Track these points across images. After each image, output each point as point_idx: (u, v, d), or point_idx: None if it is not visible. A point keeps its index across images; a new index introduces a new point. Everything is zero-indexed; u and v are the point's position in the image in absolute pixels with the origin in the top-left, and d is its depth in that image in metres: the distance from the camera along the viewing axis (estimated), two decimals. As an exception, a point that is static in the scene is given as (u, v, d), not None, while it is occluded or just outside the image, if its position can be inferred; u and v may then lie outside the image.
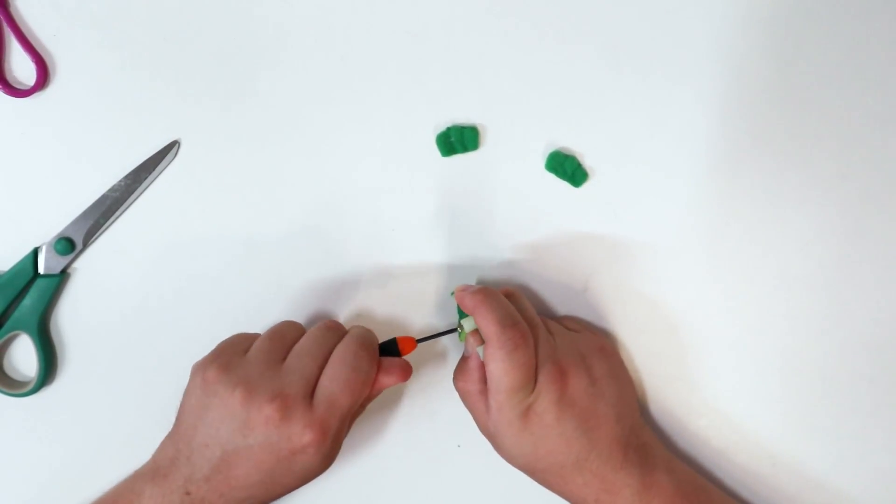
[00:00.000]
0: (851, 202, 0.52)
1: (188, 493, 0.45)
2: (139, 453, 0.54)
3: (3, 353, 0.53)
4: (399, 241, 0.53)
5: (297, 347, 0.47)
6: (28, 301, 0.52)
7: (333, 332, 0.48)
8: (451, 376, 0.50)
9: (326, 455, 0.46)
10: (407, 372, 0.48)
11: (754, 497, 0.54)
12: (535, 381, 0.46)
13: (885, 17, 0.51)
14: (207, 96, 0.52)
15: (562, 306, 0.54)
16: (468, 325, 0.49)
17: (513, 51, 0.52)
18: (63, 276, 0.52)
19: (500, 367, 0.45)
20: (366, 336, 0.48)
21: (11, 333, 0.52)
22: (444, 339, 0.53)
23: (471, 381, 0.48)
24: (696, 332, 0.53)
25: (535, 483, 0.49)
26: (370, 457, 0.54)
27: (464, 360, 0.49)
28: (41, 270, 0.52)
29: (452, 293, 0.51)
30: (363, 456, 0.54)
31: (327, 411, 0.45)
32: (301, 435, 0.44)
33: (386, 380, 0.48)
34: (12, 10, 0.51)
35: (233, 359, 0.46)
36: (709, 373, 0.53)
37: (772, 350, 0.53)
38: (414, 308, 0.54)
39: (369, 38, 0.52)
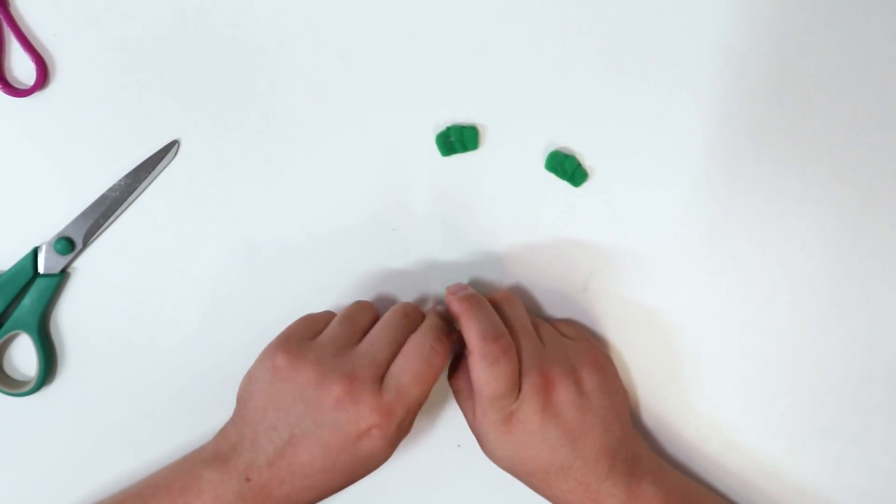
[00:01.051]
0: (851, 202, 0.52)
1: (248, 480, 0.45)
2: (139, 453, 0.54)
3: (3, 352, 0.53)
4: (399, 241, 0.53)
5: (371, 332, 0.47)
6: (28, 301, 0.52)
7: (410, 318, 0.48)
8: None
9: (390, 442, 0.45)
10: None
11: (752, 499, 0.54)
12: (520, 390, 0.46)
13: (885, 17, 0.51)
14: (207, 96, 0.52)
15: (561, 306, 0.54)
16: None
17: (513, 51, 0.52)
18: (63, 276, 0.52)
19: (482, 378, 0.45)
20: (443, 328, 0.48)
21: (11, 333, 0.52)
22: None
23: (461, 379, 0.49)
24: (695, 333, 0.53)
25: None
26: (370, 457, 0.54)
27: (456, 358, 0.50)
28: (41, 270, 0.52)
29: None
30: (363, 456, 0.54)
31: (395, 399, 0.45)
32: (367, 417, 0.44)
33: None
34: (12, 10, 0.51)
35: (302, 343, 0.46)
36: (708, 373, 0.53)
37: (771, 350, 0.53)
38: (414, 308, 0.54)
39: (369, 37, 0.52)
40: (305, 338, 0.47)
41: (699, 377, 0.53)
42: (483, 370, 0.45)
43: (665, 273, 0.53)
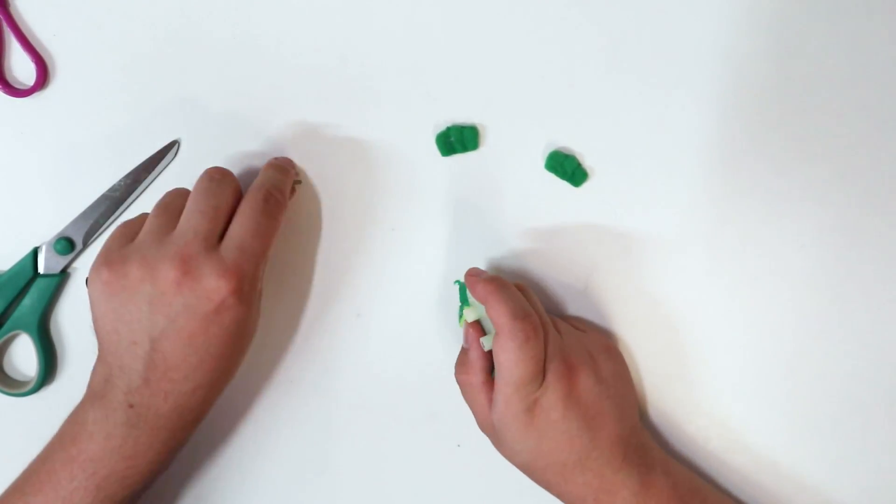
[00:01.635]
0: (851, 202, 0.52)
1: (131, 406, 0.44)
2: (139, 453, 0.54)
3: (3, 352, 0.53)
4: (399, 241, 0.53)
5: (186, 208, 0.45)
6: (28, 301, 0.52)
7: (220, 182, 0.46)
8: (451, 376, 0.50)
9: (248, 302, 0.44)
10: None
11: (753, 497, 0.54)
12: (544, 376, 0.46)
13: (886, 17, 0.51)
14: (207, 96, 0.52)
15: (562, 306, 0.54)
16: (471, 314, 0.49)
17: (513, 51, 0.52)
18: (63, 276, 0.52)
19: (511, 359, 0.45)
20: (276, 182, 0.47)
21: (11, 333, 0.52)
22: (443, 335, 0.53)
23: (473, 372, 0.48)
24: (695, 332, 0.53)
25: (535, 484, 0.49)
26: (370, 456, 0.54)
27: (464, 351, 0.49)
28: (41, 270, 0.52)
29: (456, 282, 0.51)
30: (363, 456, 0.54)
31: (240, 256, 0.43)
32: (217, 288, 0.42)
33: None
34: (12, 10, 0.51)
35: (122, 251, 0.44)
36: (708, 372, 0.53)
37: (772, 349, 0.53)
38: (413, 308, 0.54)
39: (369, 38, 0.52)
40: (123, 244, 0.45)
41: (700, 376, 0.53)
42: (513, 350, 0.45)
43: (665, 273, 0.53)
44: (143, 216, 0.47)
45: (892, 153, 0.52)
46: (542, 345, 0.46)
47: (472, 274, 0.48)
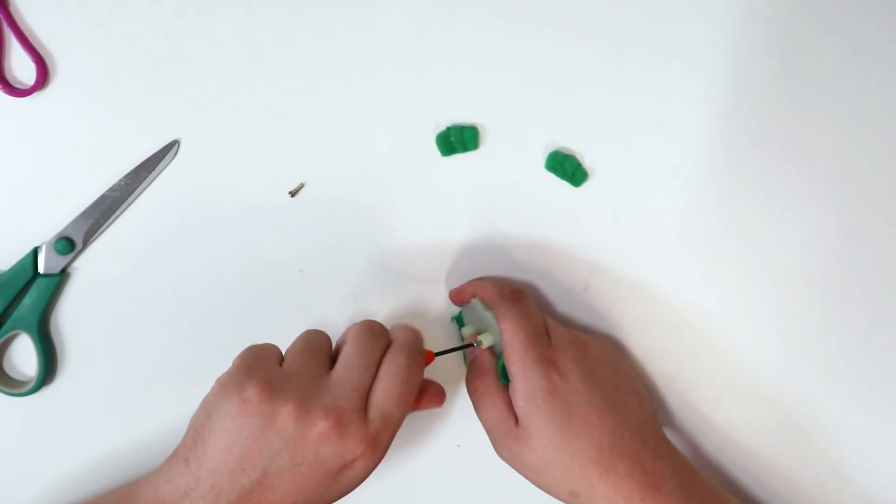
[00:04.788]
0: (851, 202, 0.52)
1: None
2: (138, 453, 0.54)
3: (3, 352, 0.53)
4: (399, 241, 0.53)
5: (343, 357, 0.44)
6: (28, 300, 0.52)
7: (378, 336, 0.45)
8: (451, 376, 0.50)
9: (372, 469, 0.43)
10: (443, 397, 0.48)
11: (754, 497, 0.54)
12: (549, 337, 0.47)
13: (886, 16, 0.51)
14: (207, 96, 0.52)
15: (562, 306, 0.54)
16: (467, 331, 0.50)
17: (513, 51, 0.52)
18: (63, 276, 0.52)
19: (511, 318, 0.46)
20: (415, 345, 0.45)
21: (11, 333, 0.52)
22: (443, 335, 0.53)
23: (484, 374, 0.48)
24: (695, 332, 0.53)
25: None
26: (370, 457, 0.54)
27: (472, 362, 0.50)
28: (41, 270, 0.52)
29: (452, 319, 0.53)
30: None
31: (382, 427, 0.42)
32: (354, 449, 0.41)
33: (427, 404, 0.47)
34: (12, 9, 0.51)
35: (271, 373, 0.42)
36: (708, 372, 0.53)
37: (771, 349, 0.53)
38: (413, 308, 0.54)
39: (369, 38, 0.52)
40: (271, 364, 0.43)
41: (700, 377, 0.53)
42: (510, 308, 0.46)
43: (665, 273, 0.53)
44: (275, 347, 0.45)
45: (892, 153, 0.52)
46: (535, 308, 0.48)
47: (454, 290, 0.52)
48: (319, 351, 0.45)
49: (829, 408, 0.53)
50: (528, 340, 0.46)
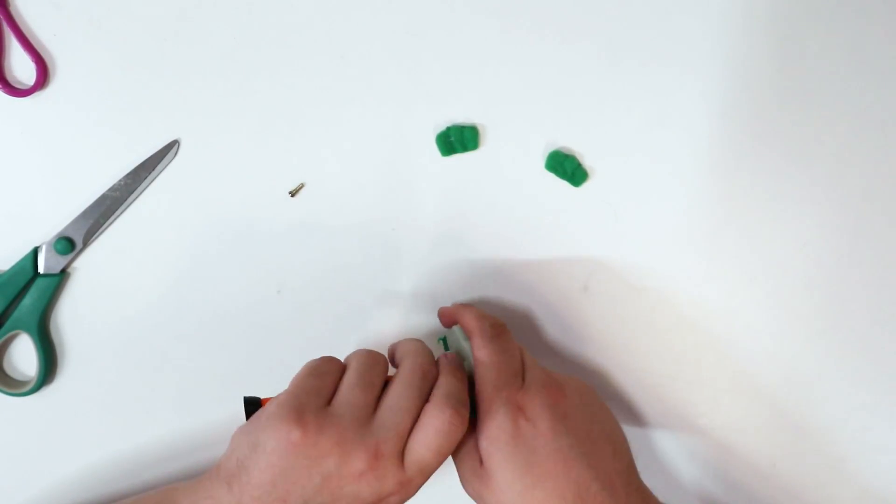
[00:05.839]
0: (851, 202, 0.52)
1: None
2: (138, 453, 0.54)
3: (3, 352, 0.53)
4: (399, 241, 0.53)
5: (389, 397, 0.44)
6: (28, 300, 0.52)
7: (427, 380, 0.45)
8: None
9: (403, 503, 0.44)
10: None
11: (755, 497, 0.54)
12: (523, 378, 0.45)
13: (885, 17, 0.51)
14: (207, 96, 0.52)
15: (562, 306, 0.54)
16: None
17: (513, 51, 0.52)
18: (63, 276, 0.52)
19: (485, 353, 0.45)
20: (460, 397, 0.45)
21: (11, 333, 0.52)
22: (443, 334, 0.53)
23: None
24: (695, 332, 0.53)
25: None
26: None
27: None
28: (41, 270, 0.52)
29: (439, 340, 0.52)
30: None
31: (417, 474, 0.43)
32: (390, 489, 0.43)
33: None
34: (12, 9, 0.51)
35: (319, 414, 0.43)
36: (708, 372, 0.53)
37: (771, 349, 0.53)
38: (413, 307, 0.54)
39: (369, 37, 0.52)
40: (320, 404, 0.44)
41: (699, 377, 0.53)
42: (485, 344, 0.46)
43: (665, 273, 0.53)
44: (335, 364, 0.46)
45: (892, 153, 0.52)
46: (515, 344, 0.47)
47: (442, 309, 0.51)
48: (371, 386, 0.45)
49: (829, 408, 0.53)
50: (499, 380, 0.45)
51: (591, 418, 0.46)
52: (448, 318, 0.51)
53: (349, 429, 0.43)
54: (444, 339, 0.52)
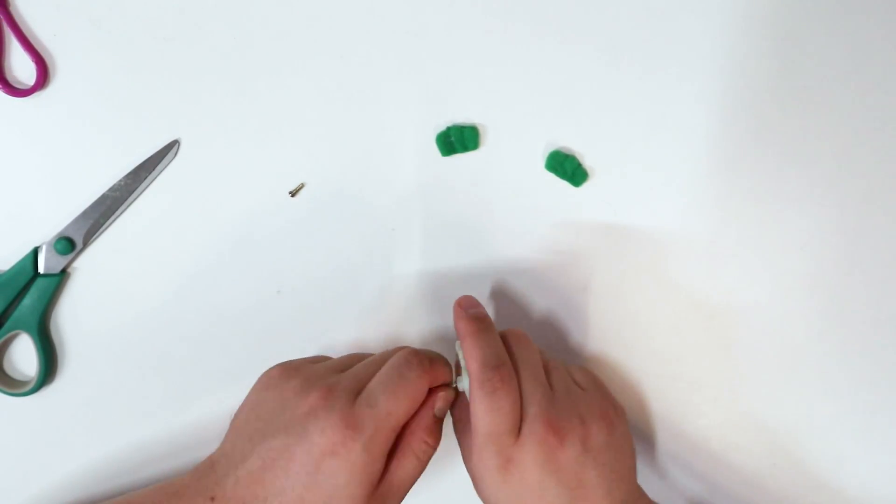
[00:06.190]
0: (851, 202, 0.52)
1: (212, 498, 0.44)
2: (139, 453, 0.54)
3: (3, 352, 0.53)
4: (399, 241, 0.53)
5: (379, 374, 0.46)
6: (28, 301, 0.52)
7: (419, 376, 0.46)
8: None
9: (354, 466, 0.42)
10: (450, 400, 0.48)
11: (754, 497, 0.54)
12: (520, 432, 0.44)
13: (886, 16, 0.51)
14: (207, 96, 0.52)
15: (562, 306, 0.54)
16: (461, 353, 0.48)
17: (513, 51, 0.52)
18: (63, 276, 0.52)
19: (480, 408, 0.44)
20: (422, 351, 0.47)
21: (11, 333, 0.52)
22: (443, 334, 0.53)
23: (461, 409, 0.48)
24: (695, 332, 0.53)
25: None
26: (370, 457, 0.54)
27: (454, 406, 0.49)
28: (41, 270, 0.52)
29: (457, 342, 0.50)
30: (363, 456, 0.54)
31: (365, 410, 0.43)
32: (334, 428, 0.42)
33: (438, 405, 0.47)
34: (12, 9, 0.51)
35: (301, 363, 0.48)
36: (708, 372, 0.53)
37: (771, 350, 0.53)
38: (413, 308, 0.54)
39: (369, 37, 0.52)
40: (305, 362, 0.48)
41: (700, 377, 0.53)
42: (481, 398, 0.44)
43: (665, 272, 0.53)
44: (326, 358, 0.50)
45: (893, 153, 0.52)
46: (514, 398, 0.44)
47: (461, 305, 0.48)
48: (353, 358, 0.48)
49: (829, 408, 0.53)
50: (490, 436, 0.44)
51: (591, 461, 0.44)
52: (457, 330, 0.48)
53: (320, 374, 0.46)
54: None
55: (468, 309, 0.48)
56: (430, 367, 0.46)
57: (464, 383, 0.46)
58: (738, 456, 0.54)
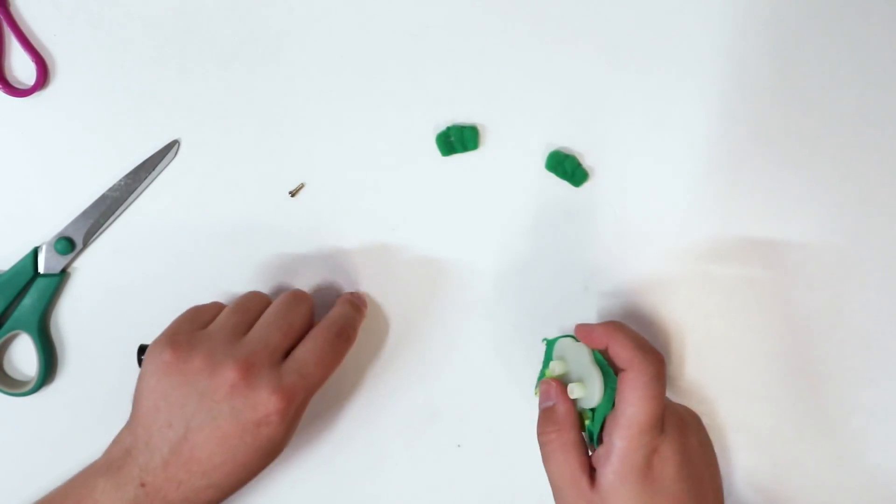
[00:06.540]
0: (851, 202, 0.52)
1: (143, 485, 0.43)
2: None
3: (3, 352, 0.53)
4: (399, 241, 0.53)
5: (262, 318, 0.46)
6: (28, 301, 0.52)
7: (299, 302, 0.48)
8: (452, 377, 0.50)
9: (288, 426, 0.44)
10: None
11: (754, 497, 0.54)
12: (663, 423, 0.43)
13: (886, 16, 0.51)
14: (207, 96, 0.52)
15: (562, 306, 0.54)
16: (557, 367, 0.47)
17: (513, 51, 0.52)
18: (63, 276, 0.52)
19: (640, 396, 0.42)
20: (348, 316, 0.48)
21: (11, 333, 0.52)
22: (443, 334, 0.53)
23: (565, 429, 0.45)
24: (695, 332, 0.53)
25: (535, 483, 0.48)
26: (370, 456, 0.54)
27: (547, 410, 0.46)
28: (41, 270, 0.52)
29: (544, 340, 0.50)
30: (363, 455, 0.54)
31: (297, 381, 0.44)
32: (267, 402, 0.43)
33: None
34: (12, 10, 0.51)
35: (190, 335, 0.45)
36: (708, 373, 0.53)
37: (772, 350, 0.53)
38: (413, 308, 0.54)
39: (369, 37, 0.52)
40: (193, 329, 0.46)
41: (699, 377, 0.53)
42: (643, 386, 0.42)
43: (665, 273, 0.53)
44: (216, 306, 0.49)
45: (893, 153, 0.52)
46: (665, 384, 0.43)
47: (583, 326, 0.47)
48: (246, 311, 0.47)
49: (829, 408, 0.53)
50: (648, 424, 0.42)
51: (707, 462, 0.45)
52: (592, 338, 0.46)
53: (219, 343, 0.44)
54: (552, 343, 0.49)
55: (590, 325, 0.47)
56: (353, 338, 0.48)
57: (579, 391, 0.45)
58: (739, 456, 0.54)
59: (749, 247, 0.53)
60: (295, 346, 0.46)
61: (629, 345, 0.44)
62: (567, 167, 0.52)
